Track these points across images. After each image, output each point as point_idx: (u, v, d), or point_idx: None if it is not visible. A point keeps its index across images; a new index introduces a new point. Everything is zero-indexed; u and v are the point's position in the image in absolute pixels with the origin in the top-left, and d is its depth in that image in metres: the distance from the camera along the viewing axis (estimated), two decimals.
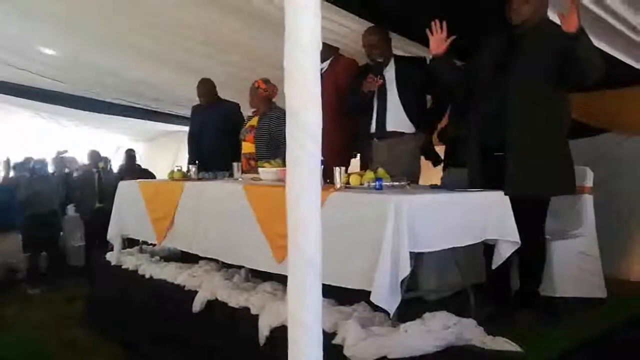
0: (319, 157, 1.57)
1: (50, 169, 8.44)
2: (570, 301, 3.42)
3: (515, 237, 2.89)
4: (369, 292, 2.61)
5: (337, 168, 3.11)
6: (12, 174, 8.00)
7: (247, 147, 4.92)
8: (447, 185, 3.39)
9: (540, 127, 3.03)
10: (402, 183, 3.02)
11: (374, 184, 2.99)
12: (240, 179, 4.17)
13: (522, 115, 3.03)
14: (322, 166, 3.35)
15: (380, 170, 3.14)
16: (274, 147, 4.67)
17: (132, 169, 8.50)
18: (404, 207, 2.56)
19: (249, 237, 3.48)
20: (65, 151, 9.18)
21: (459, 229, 2.77)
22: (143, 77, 7.20)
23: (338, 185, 3.10)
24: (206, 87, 5.63)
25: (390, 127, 3.79)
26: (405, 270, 2.53)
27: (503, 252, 2.93)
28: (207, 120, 5.57)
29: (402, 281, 2.57)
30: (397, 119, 3.78)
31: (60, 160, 8.76)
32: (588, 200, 3.58)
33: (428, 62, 3.49)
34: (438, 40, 3.22)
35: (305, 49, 1.56)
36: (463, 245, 2.82)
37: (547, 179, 3.07)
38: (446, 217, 2.72)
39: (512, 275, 3.29)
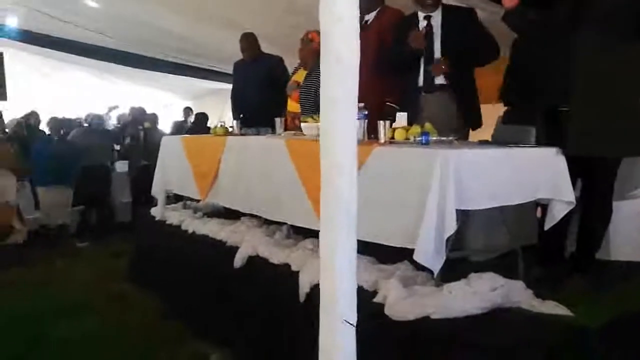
0: (355, 92, 1.44)
1: (109, 124, 8.53)
2: (625, 266, 3.24)
3: (571, 197, 2.72)
4: (412, 251, 2.51)
5: (381, 122, 2.98)
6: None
7: (292, 106, 4.81)
8: (497, 141, 3.21)
9: (611, 83, 2.76)
10: (450, 138, 2.87)
11: (419, 138, 2.85)
12: (282, 135, 4.08)
13: (592, 69, 2.79)
14: (367, 120, 3.28)
15: (427, 125, 2.99)
16: (318, 105, 4.53)
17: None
18: (450, 162, 2.43)
19: (291, 193, 3.41)
20: (117, 107, 9.26)
21: (509, 187, 2.62)
22: (189, 33, 7.14)
23: (382, 140, 2.98)
24: (248, 41, 5.50)
25: (438, 79, 3.60)
26: (451, 228, 2.41)
27: (557, 213, 2.76)
28: (249, 75, 5.46)
29: (447, 240, 2.46)
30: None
31: (113, 116, 8.85)
32: None
33: (501, 17, 3.25)
34: None
35: None
36: (513, 204, 2.67)
37: (618, 137, 2.80)
38: (495, 173, 2.57)
39: (568, 236, 3.12)
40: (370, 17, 4.16)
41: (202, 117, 9.05)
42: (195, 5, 5.85)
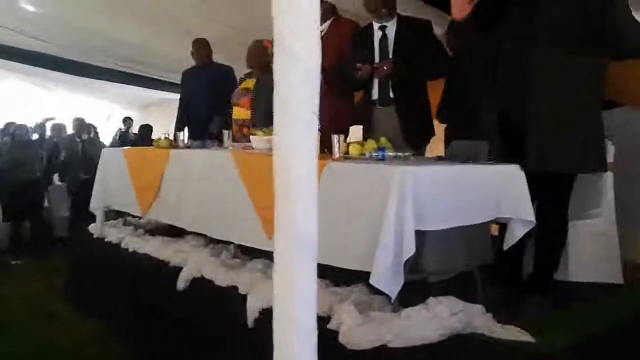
0: (316, 102, 1.26)
1: (35, 135, 8.09)
2: (584, 287, 3.17)
3: (531, 216, 2.62)
4: (369, 274, 2.35)
5: (335, 136, 2.83)
6: None
7: (240, 113, 4.62)
8: (454, 157, 3.09)
9: (568, 96, 2.70)
10: (407, 154, 2.73)
11: (376, 154, 2.71)
12: (230, 148, 3.88)
13: (547, 82, 2.71)
14: (319, 134, 3.12)
15: (383, 140, 2.86)
16: (271, 113, 4.37)
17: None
18: (409, 180, 2.29)
19: (239, 211, 3.22)
20: (53, 118, 8.85)
21: (470, 206, 2.49)
22: (134, 39, 6.85)
23: (337, 155, 2.82)
24: (200, 46, 5.29)
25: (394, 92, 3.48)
26: (410, 250, 2.27)
27: (517, 232, 2.65)
28: (199, 84, 5.23)
29: (406, 262, 2.31)
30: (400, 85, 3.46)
31: (44, 127, 8.40)
32: (608, 178, 3.27)
33: (447, 26, 3.15)
34: (461, 2, 2.81)
35: None
36: (474, 223, 2.55)
37: (576, 154, 2.74)
38: (456, 191, 2.44)
39: (525, 257, 3.03)
40: (324, 28, 4.03)
41: (146, 130, 8.73)
42: (142, 8, 5.58)
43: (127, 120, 10.17)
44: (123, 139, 9.26)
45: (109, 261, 4.40)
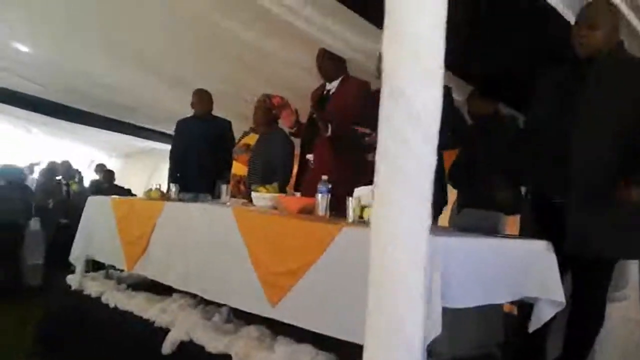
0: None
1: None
2: None
3: (560, 296, 2.44)
4: None
5: (350, 197, 2.65)
6: None
7: (239, 169, 4.46)
8: (467, 227, 2.91)
9: (612, 173, 2.54)
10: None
11: None
12: (228, 204, 3.67)
13: (590, 158, 2.58)
14: (329, 195, 2.95)
15: None
16: (269, 172, 4.22)
17: (110, 188, 7.89)
18: (438, 251, 2.10)
19: (238, 273, 2.99)
20: (38, 163, 8.60)
21: (499, 282, 2.31)
22: (123, 85, 6.67)
23: (350, 219, 2.63)
24: (202, 97, 5.14)
25: None
26: (436, 329, 2.06)
27: (544, 314, 2.47)
28: (196, 135, 5.06)
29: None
30: None
31: (28, 170, 8.13)
32: None
33: (468, 95, 3.01)
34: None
35: None
36: (501, 302, 2.36)
37: (619, 239, 2.56)
38: (485, 266, 2.26)
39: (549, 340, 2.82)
40: (332, 86, 3.92)
41: (108, 175, 8.49)
42: (135, 55, 5.43)
43: (100, 167, 9.82)
44: (98, 186, 8.96)
45: (87, 316, 4.09)
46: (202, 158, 4.93)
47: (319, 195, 2.84)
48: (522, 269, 2.41)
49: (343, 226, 2.49)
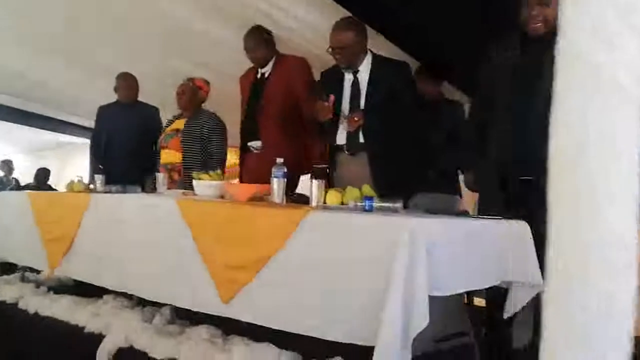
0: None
1: None
2: None
3: (539, 279, 2.32)
4: (346, 345, 2.00)
5: (314, 181, 2.42)
6: None
7: (169, 156, 4.12)
8: (430, 210, 2.75)
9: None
10: (397, 205, 2.36)
11: (361, 203, 2.32)
12: (165, 194, 3.35)
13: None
14: (285, 180, 2.72)
15: (366, 187, 2.49)
16: (204, 155, 3.95)
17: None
18: (421, 235, 1.92)
19: (184, 269, 2.71)
20: None
21: (483, 267, 2.16)
22: (28, 71, 6.08)
23: (314, 203, 2.41)
24: (128, 81, 4.73)
25: (365, 138, 3.12)
26: (423, 320, 1.87)
27: (521, 297, 2.34)
28: (120, 122, 4.65)
29: None
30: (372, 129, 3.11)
31: None
32: None
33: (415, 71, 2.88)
34: None
35: None
36: (485, 287, 2.21)
37: None
38: (471, 251, 2.09)
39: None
40: (267, 69, 3.69)
41: (43, 174, 7.85)
42: (41, 36, 4.92)
43: (5, 163, 9.07)
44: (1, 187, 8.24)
45: (2, 325, 3.64)
46: (128, 147, 4.55)
47: (275, 180, 2.60)
48: (501, 251, 2.27)
49: (308, 211, 2.27)
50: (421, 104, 3.35)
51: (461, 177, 3.18)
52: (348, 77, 3.20)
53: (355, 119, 3.02)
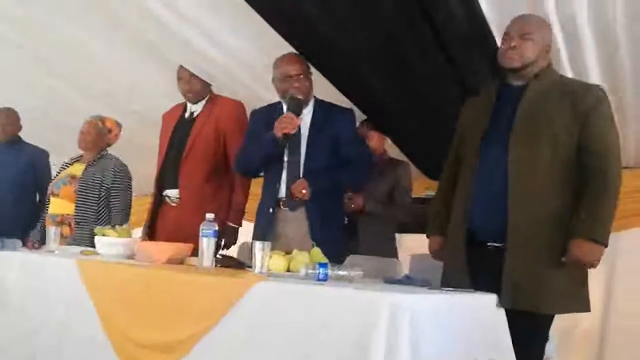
0: None
1: None
2: None
3: (512, 356, 2.02)
4: None
5: (258, 243, 2.01)
6: None
7: (60, 206, 3.52)
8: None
9: (555, 220, 2.22)
10: (354, 273, 1.99)
11: (314, 271, 1.93)
12: (56, 252, 2.78)
13: (530, 199, 2.23)
14: (216, 239, 2.29)
15: (315, 251, 2.11)
16: (104, 207, 3.44)
17: None
18: (404, 314, 1.56)
19: (82, 343, 2.19)
20: None
21: (460, 346, 1.81)
22: None
23: (258, 270, 1.99)
24: (10, 118, 4.09)
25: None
26: None
27: None
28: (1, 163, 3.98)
29: None
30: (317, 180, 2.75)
31: None
32: None
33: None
34: None
35: None
36: None
37: (559, 289, 2.21)
38: (443, 326, 1.75)
39: None
40: (197, 108, 3.26)
41: None
42: None
43: None
44: None
45: None
46: (8, 194, 3.88)
47: (204, 239, 2.17)
48: (475, 327, 1.96)
49: (254, 281, 1.85)
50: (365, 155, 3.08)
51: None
52: None
53: (304, 191, 2.67)
